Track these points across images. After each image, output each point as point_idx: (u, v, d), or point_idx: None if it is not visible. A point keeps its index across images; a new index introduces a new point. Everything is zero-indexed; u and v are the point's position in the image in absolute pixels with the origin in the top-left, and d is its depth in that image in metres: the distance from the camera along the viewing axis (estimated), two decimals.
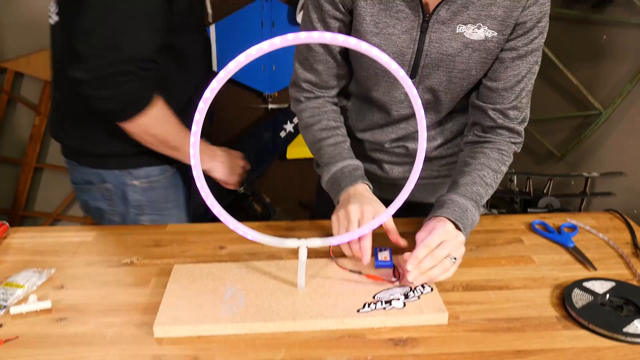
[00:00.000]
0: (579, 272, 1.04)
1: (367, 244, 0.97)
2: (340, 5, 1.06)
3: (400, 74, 0.77)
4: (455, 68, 1.05)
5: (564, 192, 2.27)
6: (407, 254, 0.93)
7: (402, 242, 1.02)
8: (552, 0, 1.14)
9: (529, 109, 1.12)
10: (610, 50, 2.14)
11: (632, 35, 2.04)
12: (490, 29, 1.01)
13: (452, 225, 0.98)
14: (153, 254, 1.10)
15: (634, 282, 1.00)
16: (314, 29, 1.11)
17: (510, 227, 1.21)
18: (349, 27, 1.10)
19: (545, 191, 2.16)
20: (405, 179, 1.24)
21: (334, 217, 1.02)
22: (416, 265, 0.91)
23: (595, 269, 1.04)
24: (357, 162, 1.11)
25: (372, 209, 0.98)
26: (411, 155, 1.23)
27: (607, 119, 2.17)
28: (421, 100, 1.07)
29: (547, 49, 2.26)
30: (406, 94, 1.11)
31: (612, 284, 0.96)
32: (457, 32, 1.02)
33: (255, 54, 0.73)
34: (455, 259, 0.94)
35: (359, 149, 1.26)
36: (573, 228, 1.19)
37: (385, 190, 1.28)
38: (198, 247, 1.12)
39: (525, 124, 1.13)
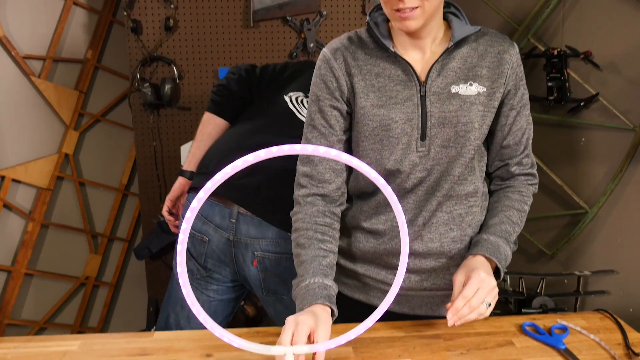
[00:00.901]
0: None
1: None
2: (337, 93, 1.18)
3: (380, 181, 0.81)
4: (459, 122, 1.15)
5: (558, 290, 2.26)
6: (448, 305, 1.03)
7: None
8: (530, 107, 1.28)
9: (532, 153, 1.30)
10: (590, 152, 2.22)
11: (610, 137, 2.13)
12: (481, 85, 1.15)
13: (485, 272, 1.06)
14: None
15: None
16: (311, 120, 1.21)
17: (501, 329, 1.20)
18: (346, 117, 1.20)
19: (538, 291, 2.15)
20: (424, 289, 1.23)
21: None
22: (456, 313, 1.01)
23: None
24: (327, 281, 1.10)
25: (307, 327, 0.97)
26: (430, 255, 1.22)
27: (593, 217, 2.20)
28: (436, 161, 1.16)
29: None
30: (420, 157, 1.16)
31: None
32: (453, 92, 1.15)
33: (241, 165, 0.77)
34: (490, 304, 1.04)
35: (375, 252, 1.24)
36: (564, 329, 1.18)
37: (402, 304, 1.27)
38: (184, 356, 1.10)
39: (535, 166, 1.30)
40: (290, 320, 0.97)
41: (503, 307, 2.34)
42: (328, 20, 2.42)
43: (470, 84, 1.15)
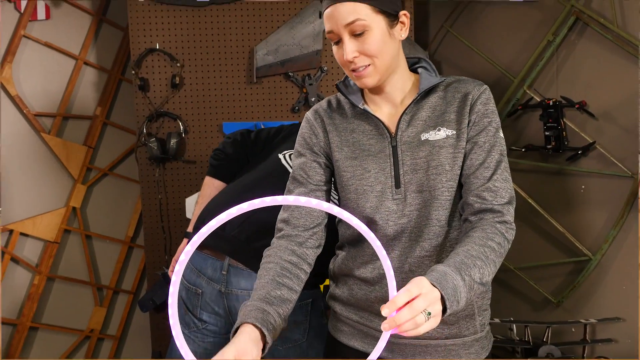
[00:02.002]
0: None
1: None
2: (316, 148, 1.27)
3: (362, 228, 0.84)
4: (429, 166, 1.18)
5: (565, 339, 2.23)
6: (383, 306, 0.91)
7: None
8: (529, 156, 1.27)
9: (508, 193, 1.17)
10: (590, 199, 2.25)
11: (609, 184, 2.16)
12: (449, 129, 1.18)
13: (427, 282, 0.96)
14: None
15: None
16: (292, 173, 1.29)
17: None
18: (325, 169, 1.28)
19: (544, 339, 2.13)
20: (416, 338, 1.22)
21: None
22: (394, 309, 0.89)
23: None
24: (266, 307, 1.09)
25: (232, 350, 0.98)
26: None
27: (597, 264, 2.20)
28: (413, 206, 1.19)
29: (530, 199, 2.38)
30: (397, 204, 1.19)
31: None
32: (423, 139, 1.19)
33: (235, 213, 0.80)
34: (430, 313, 0.92)
35: (367, 300, 1.25)
36: None
37: (396, 352, 1.25)
38: None
39: (510, 206, 1.17)
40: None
41: (510, 356, 2.31)
42: (329, 75, 2.50)
43: (439, 129, 1.19)
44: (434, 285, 0.96)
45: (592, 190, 2.24)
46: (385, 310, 0.90)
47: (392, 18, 1.17)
